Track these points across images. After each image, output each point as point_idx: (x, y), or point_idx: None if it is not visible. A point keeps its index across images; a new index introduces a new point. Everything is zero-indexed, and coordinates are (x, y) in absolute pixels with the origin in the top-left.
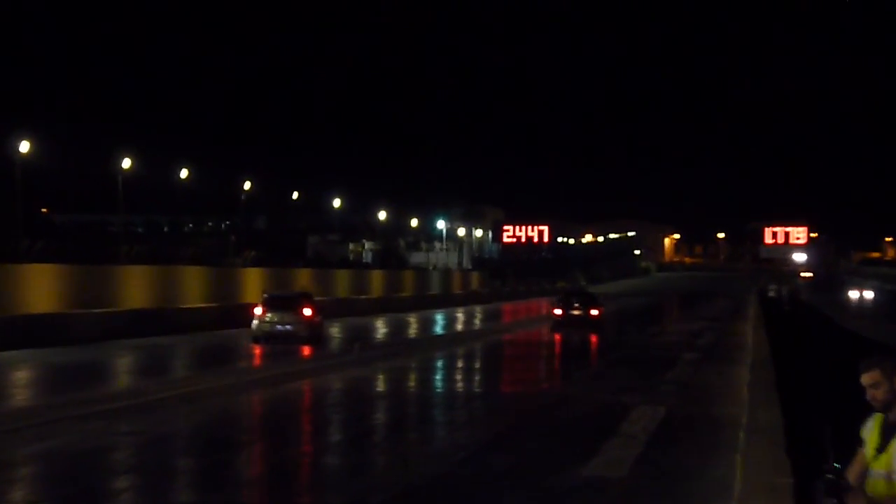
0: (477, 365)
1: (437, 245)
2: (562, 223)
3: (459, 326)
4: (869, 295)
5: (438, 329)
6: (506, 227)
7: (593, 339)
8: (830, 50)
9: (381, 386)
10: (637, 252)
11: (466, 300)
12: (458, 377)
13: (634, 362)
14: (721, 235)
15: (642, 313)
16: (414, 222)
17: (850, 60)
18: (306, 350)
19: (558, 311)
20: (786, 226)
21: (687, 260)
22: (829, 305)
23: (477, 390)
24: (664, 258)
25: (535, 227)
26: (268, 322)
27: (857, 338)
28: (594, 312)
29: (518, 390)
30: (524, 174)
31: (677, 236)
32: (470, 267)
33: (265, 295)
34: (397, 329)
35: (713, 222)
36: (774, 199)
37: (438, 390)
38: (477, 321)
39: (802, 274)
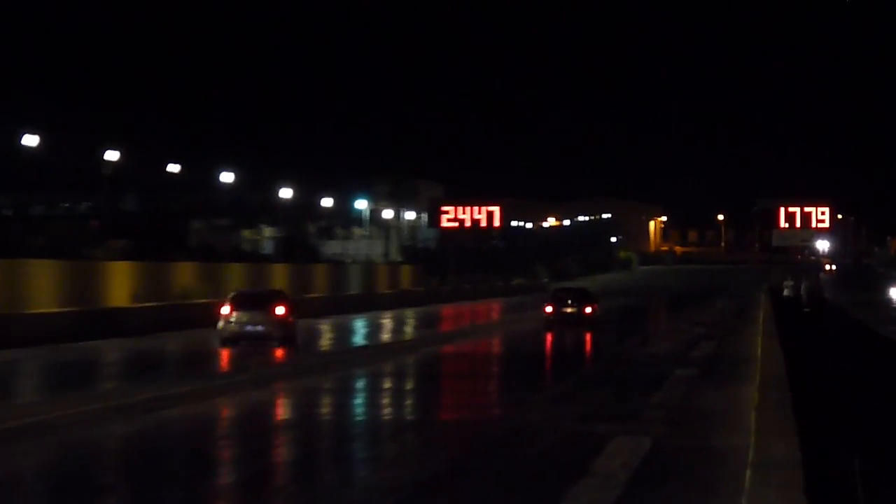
0: (409, 385)
1: (357, 231)
2: (518, 203)
3: (386, 336)
4: None
5: (359, 339)
6: (445, 209)
7: (581, 345)
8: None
9: (285, 413)
10: (614, 239)
11: (395, 302)
12: (385, 401)
13: (612, 381)
14: (722, 218)
15: (622, 318)
16: (327, 203)
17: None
18: (280, 352)
19: (549, 309)
20: (805, 205)
21: (678, 249)
22: (861, 306)
23: (409, 418)
24: (649, 247)
25: (483, 209)
26: (236, 322)
27: None
28: (588, 310)
29: (463, 417)
30: (469, 141)
31: (665, 219)
32: (399, 259)
33: (233, 293)
34: (306, 339)
35: (712, 201)
36: (790, 173)
37: (359, 418)
38: (409, 329)
39: (826, 266)
